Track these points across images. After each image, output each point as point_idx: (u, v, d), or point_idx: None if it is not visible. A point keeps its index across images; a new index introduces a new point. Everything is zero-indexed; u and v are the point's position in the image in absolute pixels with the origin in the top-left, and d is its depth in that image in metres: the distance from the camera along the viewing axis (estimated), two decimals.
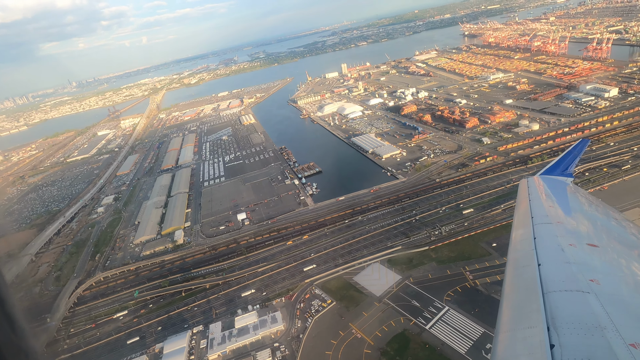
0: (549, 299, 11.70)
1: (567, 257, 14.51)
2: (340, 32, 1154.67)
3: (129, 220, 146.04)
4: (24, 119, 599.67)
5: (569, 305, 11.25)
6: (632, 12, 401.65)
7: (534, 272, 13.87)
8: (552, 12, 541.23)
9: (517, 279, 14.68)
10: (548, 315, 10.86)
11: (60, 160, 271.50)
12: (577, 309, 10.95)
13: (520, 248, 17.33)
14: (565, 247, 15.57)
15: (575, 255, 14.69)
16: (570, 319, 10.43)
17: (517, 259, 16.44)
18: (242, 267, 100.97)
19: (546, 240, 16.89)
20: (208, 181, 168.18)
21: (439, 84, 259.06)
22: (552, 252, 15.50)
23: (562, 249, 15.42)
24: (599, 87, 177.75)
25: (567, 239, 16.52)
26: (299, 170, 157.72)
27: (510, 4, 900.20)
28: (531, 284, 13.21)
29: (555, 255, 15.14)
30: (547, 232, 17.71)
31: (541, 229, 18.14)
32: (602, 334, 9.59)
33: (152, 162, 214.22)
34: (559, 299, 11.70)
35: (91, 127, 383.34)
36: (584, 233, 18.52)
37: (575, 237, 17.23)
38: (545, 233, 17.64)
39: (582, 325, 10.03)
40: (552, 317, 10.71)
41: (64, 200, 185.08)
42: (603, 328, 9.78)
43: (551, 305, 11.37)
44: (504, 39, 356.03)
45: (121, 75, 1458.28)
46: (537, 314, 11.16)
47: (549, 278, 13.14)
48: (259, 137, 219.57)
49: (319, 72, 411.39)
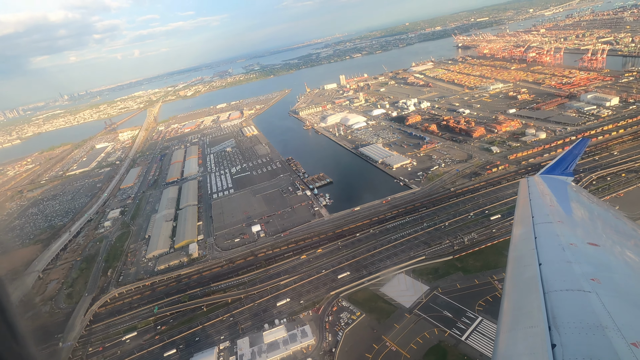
0: (550, 298, 11.75)
1: (568, 256, 14.61)
2: (334, 44, 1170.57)
3: (139, 234, 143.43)
4: (17, 132, 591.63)
5: (570, 305, 11.28)
6: (619, 24, 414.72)
7: (535, 272, 13.92)
8: (542, 24, 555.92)
9: (518, 278, 14.70)
10: (549, 315, 10.89)
11: (59, 174, 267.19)
12: (578, 308, 10.99)
13: (521, 247, 17.37)
14: (566, 246, 15.64)
15: (576, 254, 14.75)
16: (572, 318, 10.46)
17: (518, 259, 16.45)
18: (263, 280, 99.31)
19: (547, 239, 16.95)
20: (217, 193, 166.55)
21: (440, 95, 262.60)
22: (553, 252, 15.56)
23: (563, 248, 15.48)
24: (600, 97, 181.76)
25: (568, 238, 16.60)
26: (309, 181, 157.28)
27: (498, 17, 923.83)
28: (532, 283, 13.28)
29: (556, 254, 15.19)
30: (547, 232, 17.76)
31: (542, 229, 18.21)
32: (604, 333, 9.59)
33: (156, 175, 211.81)
34: (560, 298, 11.75)
35: (88, 140, 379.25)
36: (585, 232, 18.66)
37: (576, 236, 17.31)
38: (546, 232, 17.71)
39: (584, 325, 10.04)
40: (553, 317, 10.74)
41: (67, 214, 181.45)
42: (604, 327, 9.78)
43: (552, 304, 11.42)
44: (498, 50, 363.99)
45: (114, 88, 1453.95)
46: (538, 313, 11.20)
47: (550, 277, 13.21)
48: (264, 148, 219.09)
49: (317, 83, 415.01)
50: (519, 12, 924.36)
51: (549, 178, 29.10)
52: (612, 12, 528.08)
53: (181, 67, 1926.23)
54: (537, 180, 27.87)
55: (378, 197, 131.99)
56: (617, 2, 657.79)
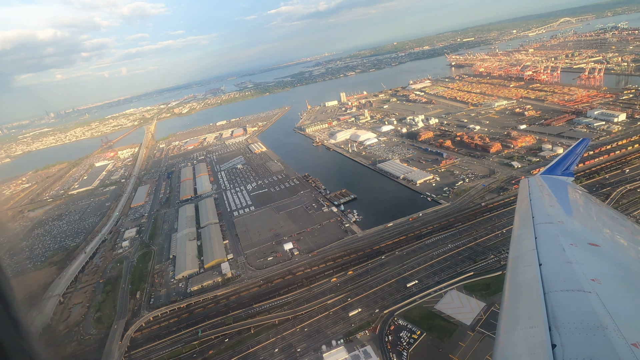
0: (551, 299, 11.77)
1: (568, 256, 14.61)
2: (324, 63, 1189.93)
3: (161, 254, 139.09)
4: (5, 150, 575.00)
5: (571, 305, 11.31)
6: (604, 45, 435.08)
7: (536, 272, 13.95)
8: (529, 45, 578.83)
9: (519, 278, 14.69)
10: (549, 315, 10.92)
11: (60, 193, 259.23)
12: (578, 308, 11.01)
13: (521, 248, 17.36)
14: (566, 246, 15.65)
15: (577, 254, 14.78)
16: (572, 319, 10.48)
17: (519, 259, 16.43)
18: (309, 299, 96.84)
19: (547, 239, 16.96)
20: (237, 211, 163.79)
21: (445, 111, 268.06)
22: (553, 252, 15.59)
23: (564, 248, 15.48)
24: (607, 113, 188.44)
25: (568, 238, 16.62)
26: (332, 197, 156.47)
27: (483, 37, 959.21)
28: (532, 283, 13.30)
29: (556, 254, 15.20)
30: (548, 232, 17.78)
31: (542, 229, 18.24)
32: (604, 333, 9.59)
33: (168, 193, 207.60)
34: (560, 298, 11.77)
35: (85, 158, 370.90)
36: (585, 232, 18.70)
37: (577, 236, 17.32)
38: (546, 233, 17.74)
39: (584, 325, 10.06)
40: (553, 317, 10.77)
41: (77, 234, 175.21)
42: (605, 328, 9.80)
43: (552, 304, 11.43)
44: (495, 69, 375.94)
45: (102, 106, 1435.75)
46: (538, 313, 11.22)
47: (550, 278, 13.23)
48: (277, 165, 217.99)
49: (316, 100, 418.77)
50: (502, 32, 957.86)
51: (549, 178, 29.48)
52: (594, 33, 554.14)
53: (170, 85, 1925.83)
54: (537, 180, 28.12)
55: (407, 213, 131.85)
56: (596, 24, 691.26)
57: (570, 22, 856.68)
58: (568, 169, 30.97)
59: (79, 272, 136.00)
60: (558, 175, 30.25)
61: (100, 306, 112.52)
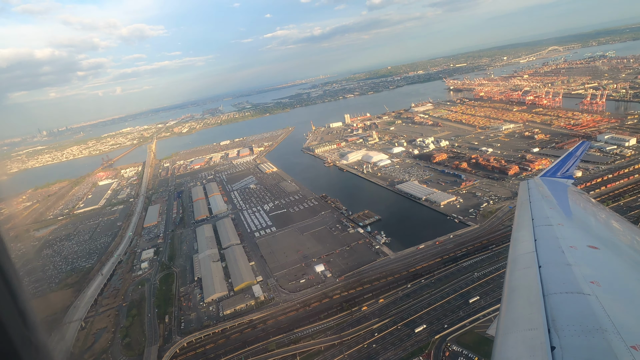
0: (550, 301, 11.78)
1: (567, 259, 14.62)
2: (321, 85, 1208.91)
3: (184, 275, 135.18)
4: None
5: (570, 307, 11.33)
6: (597, 72, 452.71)
7: (535, 274, 13.93)
8: (522, 71, 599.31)
9: (518, 281, 14.63)
10: (549, 317, 10.92)
11: (65, 212, 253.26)
12: (578, 311, 11.03)
13: (520, 250, 17.28)
14: (565, 249, 15.67)
15: (576, 257, 14.77)
16: (571, 321, 10.50)
17: (518, 261, 16.34)
18: (352, 324, 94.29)
19: (547, 242, 17.00)
20: (258, 231, 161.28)
21: (453, 134, 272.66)
22: (552, 254, 15.55)
23: (563, 250, 15.50)
24: (617, 137, 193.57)
25: (568, 240, 16.68)
26: (355, 218, 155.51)
27: (475, 63, 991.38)
28: (532, 285, 13.28)
29: (556, 257, 15.17)
30: (547, 234, 17.81)
31: (542, 231, 18.27)
32: (603, 336, 9.62)
33: (181, 213, 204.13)
34: (559, 301, 11.78)
35: (86, 177, 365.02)
36: (585, 235, 18.74)
37: (576, 238, 17.43)
38: (545, 235, 17.78)
39: (583, 327, 10.09)
40: (552, 319, 10.78)
41: (90, 255, 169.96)
42: (604, 330, 9.83)
43: (552, 307, 11.44)
44: (495, 93, 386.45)
45: (96, 124, 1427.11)
46: (537, 315, 11.23)
47: (549, 280, 13.22)
48: (292, 185, 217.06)
49: (319, 122, 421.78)
50: (493, 59, 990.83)
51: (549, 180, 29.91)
52: (585, 61, 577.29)
53: (165, 105, 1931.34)
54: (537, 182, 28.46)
55: (436, 234, 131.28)
56: (583, 52, 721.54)
57: (558, 50, 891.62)
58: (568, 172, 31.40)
59: (98, 295, 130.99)
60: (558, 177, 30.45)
61: (127, 331, 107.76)
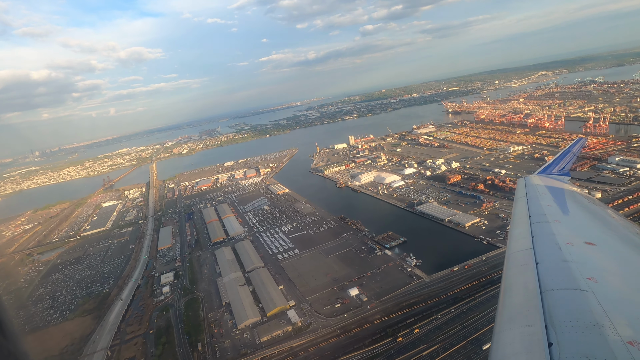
0: (547, 298, 11.92)
1: (564, 255, 14.83)
2: (317, 107, 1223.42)
3: (210, 300, 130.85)
4: None
5: (567, 304, 11.43)
6: (590, 96, 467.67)
7: (532, 271, 14.09)
8: (517, 94, 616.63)
9: (516, 277, 14.80)
10: (546, 314, 11.04)
11: (70, 234, 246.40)
12: (575, 307, 11.15)
13: (518, 247, 17.60)
14: (562, 245, 15.87)
15: (573, 253, 15.01)
16: (568, 317, 10.62)
17: (515, 258, 16.61)
18: (400, 351, 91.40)
19: (544, 238, 17.17)
20: (280, 254, 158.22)
21: (462, 155, 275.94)
22: (549, 251, 15.77)
23: (560, 247, 15.71)
24: (628, 159, 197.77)
25: (565, 237, 16.84)
26: (380, 240, 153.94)
27: (467, 86, 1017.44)
28: (529, 282, 13.41)
29: (553, 253, 15.39)
30: (544, 231, 18.02)
31: (539, 228, 18.50)
32: (600, 331, 9.77)
33: (195, 235, 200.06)
34: (557, 297, 11.91)
35: (88, 198, 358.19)
36: (582, 231, 19.03)
37: (573, 235, 17.59)
38: (543, 232, 17.99)
39: (580, 323, 10.22)
40: (550, 315, 10.90)
41: (104, 279, 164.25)
42: (601, 326, 9.97)
43: (549, 303, 11.57)
44: (496, 116, 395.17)
45: (90, 145, 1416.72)
46: (535, 312, 11.34)
47: (547, 276, 13.39)
48: (307, 207, 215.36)
49: (322, 143, 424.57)
50: (485, 83, 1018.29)
51: (546, 177, 30.08)
52: (576, 85, 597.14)
53: (159, 126, 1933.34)
54: (534, 179, 28.62)
55: (467, 256, 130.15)
56: (572, 78, 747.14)
57: (547, 75, 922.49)
58: (564, 168, 31.54)
59: (121, 322, 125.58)
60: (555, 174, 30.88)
61: None
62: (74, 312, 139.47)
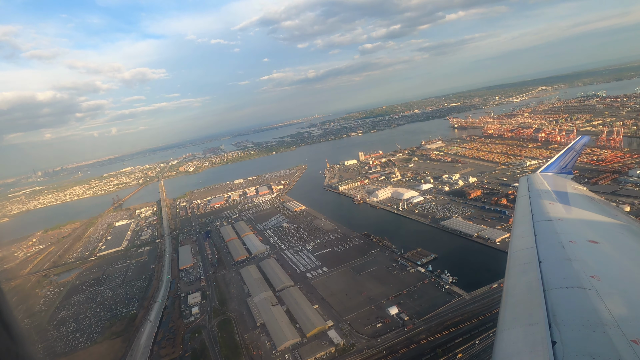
0: (550, 296, 11.83)
1: (567, 254, 14.68)
2: (319, 124, 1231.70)
3: (243, 321, 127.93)
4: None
5: (570, 302, 11.34)
6: (597, 110, 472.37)
7: (535, 270, 14.03)
8: (521, 109, 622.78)
9: (519, 276, 14.72)
10: (549, 312, 10.95)
11: (85, 254, 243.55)
12: (578, 305, 11.04)
13: (521, 245, 17.44)
14: (565, 243, 15.73)
15: (576, 252, 14.83)
16: (572, 316, 10.51)
17: (518, 257, 16.61)
18: None
19: (547, 237, 17.09)
20: (308, 272, 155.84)
21: (477, 170, 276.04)
22: (552, 249, 15.59)
23: (563, 245, 15.57)
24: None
25: (568, 235, 16.74)
26: (410, 257, 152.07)
27: (468, 102, 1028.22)
28: (532, 281, 13.38)
29: (556, 252, 15.23)
30: (547, 229, 17.91)
31: (542, 226, 18.39)
32: (604, 330, 9.68)
33: (216, 254, 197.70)
34: (560, 295, 11.82)
35: (98, 218, 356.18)
36: (585, 229, 18.81)
37: (576, 233, 17.51)
38: (545, 230, 17.86)
39: (584, 322, 10.11)
40: (553, 314, 10.81)
41: (128, 300, 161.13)
42: (604, 324, 9.89)
43: (552, 302, 11.47)
44: (505, 130, 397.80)
45: (92, 165, 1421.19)
46: (538, 310, 11.26)
47: (550, 275, 13.30)
48: (327, 223, 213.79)
49: (331, 160, 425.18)
50: (485, 98, 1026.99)
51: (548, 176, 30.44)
52: (579, 100, 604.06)
53: (160, 144, 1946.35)
54: (536, 177, 28.59)
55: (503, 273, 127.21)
56: (572, 92, 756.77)
57: (547, 90, 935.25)
58: (567, 167, 30.96)
59: (153, 344, 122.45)
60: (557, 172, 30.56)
61: None
62: (102, 335, 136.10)
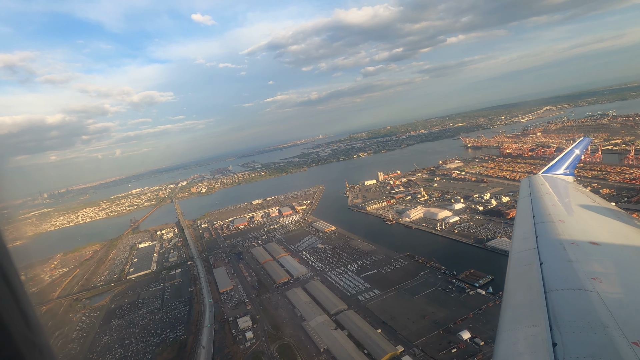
0: (551, 298, 11.73)
1: (569, 255, 14.56)
2: (325, 145, 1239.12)
3: (303, 346, 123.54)
4: (10, 232, 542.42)
5: (572, 304, 11.26)
6: (608, 129, 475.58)
7: (536, 271, 13.91)
8: (532, 129, 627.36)
9: (520, 277, 14.57)
10: (550, 314, 10.85)
11: (113, 277, 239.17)
12: (579, 307, 10.97)
13: (522, 247, 17.28)
14: (567, 245, 15.60)
15: (577, 253, 14.73)
16: (573, 318, 10.42)
17: (519, 258, 16.27)
18: None
19: (548, 238, 16.98)
20: (360, 295, 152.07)
21: (506, 189, 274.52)
22: (554, 251, 15.50)
23: (564, 247, 15.46)
24: None
25: (569, 237, 16.67)
26: (464, 278, 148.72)
27: (473, 122, 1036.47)
28: (533, 282, 13.23)
29: (557, 253, 15.13)
30: (548, 231, 17.85)
31: (543, 228, 18.33)
32: (605, 332, 9.57)
33: (255, 276, 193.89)
34: (561, 297, 11.73)
35: (118, 239, 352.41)
36: (586, 231, 18.57)
37: (577, 235, 17.37)
38: (547, 231, 17.79)
39: (585, 324, 10.02)
40: (554, 316, 10.71)
41: (173, 325, 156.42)
42: (606, 326, 9.77)
43: (553, 303, 11.38)
44: (525, 150, 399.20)
45: (98, 186, 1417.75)
46: (539, 312, 11.18)
47: (551, 277, 13.18)
48: (364, 244, 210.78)
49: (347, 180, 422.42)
50: (491, 118, 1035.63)
51: (550, 177, 29.48)
52: (590, 119, 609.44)
53: (164, 165, 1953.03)
54: (538, 179, 28.14)
55: None
56: (583, 111, 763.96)
57: (552, 110, 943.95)
58: (569, 168, 31.30)
59: None
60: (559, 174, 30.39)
61: None
62: None
